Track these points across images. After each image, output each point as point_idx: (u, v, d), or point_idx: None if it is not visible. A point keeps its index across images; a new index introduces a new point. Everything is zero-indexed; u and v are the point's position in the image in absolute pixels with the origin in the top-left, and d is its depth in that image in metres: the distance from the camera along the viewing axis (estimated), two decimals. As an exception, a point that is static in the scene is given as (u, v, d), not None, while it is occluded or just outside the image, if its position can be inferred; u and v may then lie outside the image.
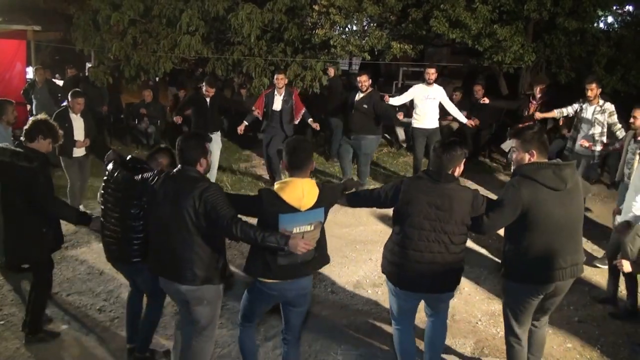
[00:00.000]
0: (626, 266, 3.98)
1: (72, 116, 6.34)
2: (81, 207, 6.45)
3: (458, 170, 3.39)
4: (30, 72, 10.96)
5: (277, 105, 7.64)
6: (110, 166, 3.69)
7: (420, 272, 3.34)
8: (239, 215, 3.12)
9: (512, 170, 3.50)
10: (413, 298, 3.54)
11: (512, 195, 3.26)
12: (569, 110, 6.90)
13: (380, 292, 5.09)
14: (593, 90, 6.57)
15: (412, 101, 8.03)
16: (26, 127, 4.05)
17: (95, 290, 4.96)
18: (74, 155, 6.43)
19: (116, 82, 10.22)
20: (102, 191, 3.76)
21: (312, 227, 3.19)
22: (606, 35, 9.48)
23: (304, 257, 3.19)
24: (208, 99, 7.59)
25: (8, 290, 4.89)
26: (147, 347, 3.90)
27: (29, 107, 9.63)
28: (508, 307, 3.56)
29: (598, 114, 6.53)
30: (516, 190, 3.25)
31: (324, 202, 3.24)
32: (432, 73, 7.81)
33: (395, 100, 8.03)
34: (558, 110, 7.04)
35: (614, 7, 9.43)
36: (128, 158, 3.79)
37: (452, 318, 3.95)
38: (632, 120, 5.47)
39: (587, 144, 6.49)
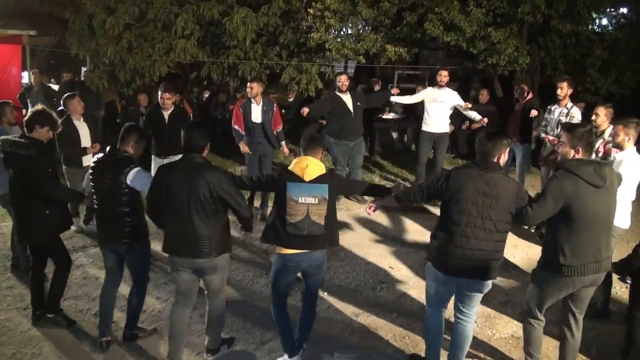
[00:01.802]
0: None
1: (76, 123, 5.97)
2: (80, 221, 6.38)
3: (503, 159, 3.52)
4: (25, 77, 10.96)
5: (257, 116, 6.69)
6: (95, 158, 4.08)
7: (464, 257, 3.48)
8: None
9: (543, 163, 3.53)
10: (452, 283, 3.65)
11: (555, 188, 3.42)
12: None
13: (376, 295, 5.11)
14: (563, 89, 6.39)
15: (423, 104, 7.72)
16: (26, 118, 4.34)
17: (92, 294, 4.95)
18: (85, 165, 5.90)
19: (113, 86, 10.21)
20: (92, 183, 4.04)
21: (317, 201, 3.61)
22: (600, 38, 9.55)
23: (310, 231, 3.61)
24: (166, 114, 6.31)
25: (4, 296, 4.88)
26: (136, 324, 4.26)
27: (24, 111, 9.64)
28: (535, 293, 3.69)
29: (563, 117, 6.37)
30: (559, 183, 3.42)
31: (329, 182, 3.66)
32: (444, 75, 7.51)
33: (405, 99, 7.75)
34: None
35: (608, 10, 9.49)
36: (108, 149, 4.04)
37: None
38: (594, 117, 5.33)
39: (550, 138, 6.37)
